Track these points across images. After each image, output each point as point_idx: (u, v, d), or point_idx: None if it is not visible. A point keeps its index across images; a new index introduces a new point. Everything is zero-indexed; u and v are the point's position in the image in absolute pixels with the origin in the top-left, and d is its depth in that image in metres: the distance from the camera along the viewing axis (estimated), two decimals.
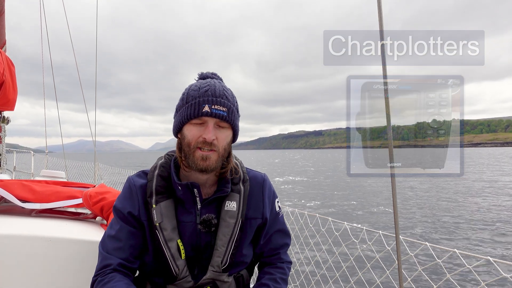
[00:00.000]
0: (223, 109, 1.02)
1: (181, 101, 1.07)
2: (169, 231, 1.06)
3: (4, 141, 3.61)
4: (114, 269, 1.04)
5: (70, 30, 4.39)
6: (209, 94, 1.02)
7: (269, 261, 1.25)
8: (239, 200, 1.12)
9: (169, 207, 1.08)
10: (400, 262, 1.39)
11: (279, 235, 1.24)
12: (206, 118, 1.02)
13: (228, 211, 1.10)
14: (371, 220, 11.63)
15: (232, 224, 1.09)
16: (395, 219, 1.38)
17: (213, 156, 1.03)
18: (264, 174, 1.25)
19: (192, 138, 1.03)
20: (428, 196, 17.16)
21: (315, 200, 16.70)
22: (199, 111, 1.01)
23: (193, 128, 1.03)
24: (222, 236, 1.09)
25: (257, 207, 1.17)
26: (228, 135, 1.07)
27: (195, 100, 1.02)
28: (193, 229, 1.09)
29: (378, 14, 1.27)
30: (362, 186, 21.72)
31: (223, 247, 1.08)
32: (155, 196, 1.08)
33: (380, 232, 1.98)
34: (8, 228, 1.35)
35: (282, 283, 1.18)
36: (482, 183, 22.80)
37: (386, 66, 1.29)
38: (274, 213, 1.22)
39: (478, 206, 13.99)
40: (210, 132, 1.01)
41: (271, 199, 1.22)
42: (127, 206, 1.09)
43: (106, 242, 1.08)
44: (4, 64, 2.38)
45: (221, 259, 1.08)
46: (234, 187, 1.13)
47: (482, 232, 9.62)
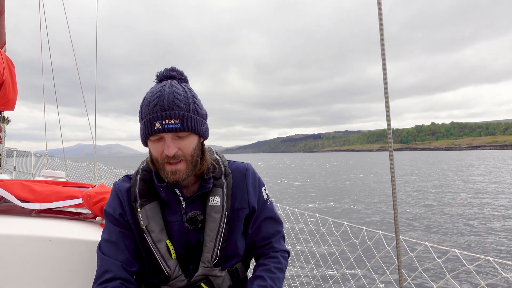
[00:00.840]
0: (175, 122, 0.98)
1: (139, 114, 1.05)
2: (157, 233, 1.08)
3: (4, 141, 3.61)
4: (115, 277, 1.03)
5: (70, 33, 4.39)
6: (158, 109, 0.98)
7: (263, 252, 1.23)
8: (222, 194, 1.13)
9: (154, 209, 1.09)
10: (400, 262, 1.39)
11: (269, 222, 1.23)
12: (161, 134, 0.99)
13: (213, 206, 1.11)
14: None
15: (217, 219, 1.10)
16: (395, 219, 1.38)
17: (182, 167, 1.02)
18: (248, 164, 1.25)
19: (157, 155, 1.03)
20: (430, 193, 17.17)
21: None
22: (152, 130, 0.99)
23: (154, 145, 1.02)
24: (209, 231, 1.09)
25: (242, 198, 1.17)
26: (191, 141, 1.04)
27: (147, 118, 1.00)
28: (181, 228, 1.10)
29: (378, 16, 1.27)
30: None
31: (212, 243, 1.09)
32: (139, 200, 1.09)
33: (380, 232, 1.98)
34: (8, 228, 1.35)
35: (277, 272, 1.16)
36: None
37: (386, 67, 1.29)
38: (262, 201, 1.22)
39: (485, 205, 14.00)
40: (169, 148, 0.99)
41: (257, 187, 1.22)
42: (117, 209, 1.11)
43: (103, 247, 1.09)
44: (4, 64, 2.38)
45: (211, 254, 1.09)
46: (217, 182, 1.14)
47: (483, 232, 9.62)
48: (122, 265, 1.05)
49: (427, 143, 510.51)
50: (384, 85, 1.30)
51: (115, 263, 1.05)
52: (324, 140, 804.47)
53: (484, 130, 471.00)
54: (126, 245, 1.09)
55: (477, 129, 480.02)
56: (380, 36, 1.27)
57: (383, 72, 1.30)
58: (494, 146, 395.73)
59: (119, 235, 1.09)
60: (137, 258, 1.11)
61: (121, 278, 1.04)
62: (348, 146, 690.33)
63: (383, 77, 1.30)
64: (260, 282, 1.11)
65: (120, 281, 1.03)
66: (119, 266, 1.05)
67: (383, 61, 1.29)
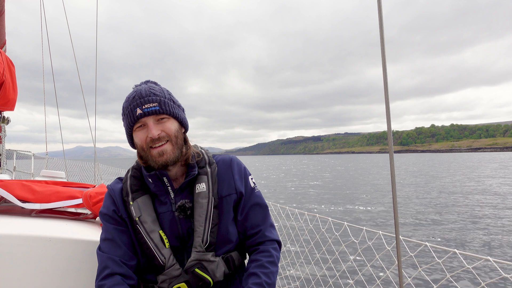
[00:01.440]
0: (154, 105, 1.09)
1: (122, 117, 1.16)
2: (150, 223, 1.12)
3: (4, 141, 3.61)
4: (114, 272, 1.06)
5: (69, 36, 4.39)
6: (136, 98, 1.10)
7: (254, 242, 1.23)
8: (207, 180, 1.18)
9: (146, 202, 1.15)
10: (400, 262, 1.39)
11: (257, 209, 1.24)
12: (143, 119, 1.09)
13: (199, 192, 1.15)
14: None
15: (205, 204, 1.14)
16: (395, 219, 1.38)
17: (168, 147, 1.10)
18: (233, 155, 1.31)
19: (141, 142, 1.11)
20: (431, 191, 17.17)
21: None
22: (133, 116, 1.09)
23: (139, 134, 1.11)
24: (198, 217, 1.13)
25: (229, 184, 1.22)
26: (172, 124, 1.13)
27: (128, 109, 1.11)
28: (172, 218, 1.14)
29: (379, 18, 1.27)
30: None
31: (201, 227, 1.12)
32: (131, 194, 1.16)
33: (380, 232, 1.98)
34: (8, 228, 1.34)
35: (270, 267, 1.16)
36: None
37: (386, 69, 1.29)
38: (249, 188, 1.25)
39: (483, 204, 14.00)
40: (151, 129, 1.08)
41: (243, 175, 1.26)
42: (110, 207, 1.17)
43: (102, 246, 1.13)
44: (4, 64, 2.38)
45: (201, 238, 1.11)
46: (201, 170, 1.20)
47: (483, 232, 9.62)
48: (121, 260, 1.09)
49: (427, 145, 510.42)
50: (384, 87, 1.30)
51: (113, 259, 1.08)
52: (324, 142, 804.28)
53: (484, 132, 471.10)
54: (122, 240, 1.13)
55: (477, 131, 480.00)
56: (380, 38, 1.27)
57: (383, 74, 1.30)
58: (495, 148, 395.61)
59: (115, 231, 1.14)
60: (135, 252, 1.15)
61: (120, 273, 1.07)
62: (348, 148, 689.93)
63: (383, 79, 1.30)
64: (254, 279, 1.11)
65: (119, 276, 1.06)
66: (117, 261, 1.08)
67: (383, 63, 1.29)
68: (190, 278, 1.10)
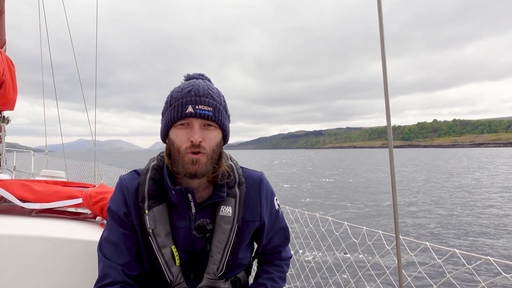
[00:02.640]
0: (208, 109, 0.98)
1: (165, 105, 1.03)
2: (163, 237, 1.03)
3: (4, 141, 3.61)
4: (115, 282, 1.01)
5: (69, 29, 4.38)
6: (192, 94, 0.98)
7: (268, 259, 1.24)
8: (234, 204, 1.08)
9: (162, 212, 1.04)
10: (400, 262, 1.39)
11: (280, 232, 1.24)
12: (190, 119, 0.97)
13: (223, 216, 1.06)
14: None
15: (227, 230, 1.05)
16: (395, 219, 1.38)
17: (202, 159, 0.98)
18: (261, 172, 1.22)
19: (180, 143, 0.98)
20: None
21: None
22: (182, 113, 0.97)
23: (179, 132, 0.99)
24: (217, 243, 1.05)
25: (255, 210, 1.14)
26: (216, 136, 1.02)
27: (178, 102, 0.98)
28: (188, 235, 1.05)
29: (378, 14, 1.27)
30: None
31: (219, 254, 1.05)
32: (147, 201, 1.04)
33: (380, 232, 1.98)
34: (8, 228, 1.34)
35: (280, 282, 1.18)
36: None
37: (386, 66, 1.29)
38: (274, 212, 1.21)
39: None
40: (196, 134, 0.96)
41: (269, 199, 1.20)
42: (121, 207, 1.06)
43: (105, 247, 1.05)
44: (4, 64, 2.38)
45: (217, 266, 1.05)
46: (229, 191, 1.09)
47: (483, 232, 9.62)
48: (123, 269, 1.02)
49: (429, 140, 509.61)
50: (384, 83, 1.30)
51: (115, 267, 1.01)
52: (326, 137, 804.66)
53: (487, 127, 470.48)
54: (127, 247, 1.04)
55: (480, 127, 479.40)
56: (380, 34, 1.27)
57: (383, 72, 1.30)
58: (498, 143, 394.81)
59: (121, 236, 1.04)
60: (139, 261, 1.07)
61: (122, 282, 1.01)
62: (350, 142, 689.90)
63: (383, 75, 1.30)
64: None
65: (120, 285, 1.01)
66: (119, 270, 1.01)
67: (383, 58, 1.29)
68: None
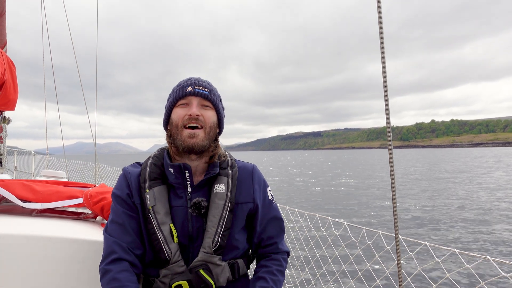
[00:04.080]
0: (205, 90, 1.15)
1: (169, 95, 1.20)
2: (162, 215, 1.10)
3: (5, 141, 3.62)
4: (121, 258, 1.06)
5: (68, 31, 4.39)
6: (192, 79, 1.17)
7: (266, 252, 1.25)
8: (227, 182, 1.16)
9: (162, 192, 1.13)
10: (400, 262, 1.40)
11: (275, 222, 1.27)
12: (190, 97, 1.13)
13: (217, 193, 1.14)
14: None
15: (221, 205, 1.13)
16: (394, 219, 1.38)
17: (200, 134, 1.11)
18: (254, 165, 1.30)
19: (178, 118, 1.12)
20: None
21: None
22: (183, 92, 1.14)
23: (179, 110, 1.14)
24: (212, 217, 1.12)
25: (247, 192, 1.21)
26: (213, 115, 1.16)
27: (180, 86, 1.16)
28: (185, 214, 1.12)
29: (378, 15, 1.27)
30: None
31: (213, 228, 1.11)
32: (148, 181, 1.14)
33: (380, 231, 1.98)
34: (9, 228, 1.35)
35: (279, 275, 1.19)
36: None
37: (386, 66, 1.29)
38: (267, 201, 1.26)
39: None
40: (194, 107, 1.12)
41: (262, 186, 1.26)
42: (124, 190, 1.15)
43: (109, 227, 1.12)
44: (5, 65, 2.39)
45: (212, 239, 1.10)
46: (223, 171, 1.19)
47: (483, 231, 9.62)
48: (128, 247, 1.08)
49: (428, 141, 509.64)
50: (383, 83, 1.30)
51: (120, 245, 1.07)
52: (324, 138, 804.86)
53: (484, 127, 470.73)
54: (132, 226, 1.11)
55: (477, 127, 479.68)
56: (379, 34, 1.28)
57: (382, 72, 1.30)
58: (496, 143, 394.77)
59: (125, 216, 1.12)
60: (142, 241, 1.13)
61: (127, 260, 1.07)
62: (349, 143, 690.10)
63: (383, 75, 1.30)
64: (262, 283, 1.14)
65: (126, 262, 1.06)
66: (125, 247, 1.07)
67: (382, 59, 1.29)
68: (192, 278, 1.09)
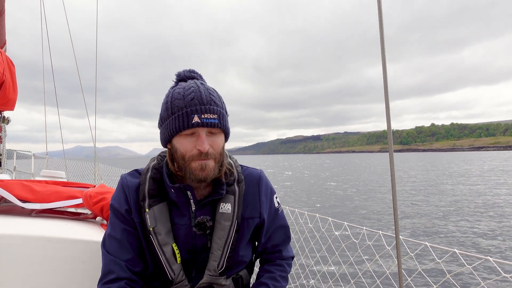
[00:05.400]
0: (213, 117, 0.97)
1: (165, 112, 1.01)
2: (164, 236, 1.04)
3: (4, 141, 3.61)
4: (119, 277, 1.02)
5: (68, 35, 4.39)
6: (196, 102, 0.96)
7: (270, 258, 1.24)
8: (234, 201, 1.09)
9: (162, 211, 1.06)
10: (400, 262, 1.39)
11: (280, 231, 1.24)
12: (197, 128, 0.96)
13: (223, 213, 1.07)
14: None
15: (227, 227, 1.07)
16: (395, 219, 1.38)
17: (210, 164, 0.99)
18: (261, 170, 1.23)
19: (185, 151, 0.98)
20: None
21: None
22: (188, 123, 0.95)
23: (183, 141, 0.98)
24: (217, 239, 1.06)
25: (254, 206, 1.15)
26: (221, 140, 1.03)
27: (182, 111, 0.96)
28: (188, 232, 1.07)
29: (378, 17, 1.27)
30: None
31: (219, 251, 1.06)
32: (148, 199, 1.05)
33: (380, 232, 1.98)
34: (8, 228, 1.35)
35: (282, 281, 1.17)
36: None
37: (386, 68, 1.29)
38: (273, 209, 1.21)
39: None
40: (204, 143, 0.96)
41: (269, 195, 1.20)
42: (123, 205, 1.07)
43: (108, 243, 1.07)
44: (4, 64, 2.38)
45: (217, 262, 1.06)
46: (229, 188, 1.10)
47: (483, 231, 9.62)
48: (127, 265, 1.03)
49: (428, 144, 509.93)
50: (384, 86, 1.30)
51: (119, 263, 1.03)
52: (324, 142, 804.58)
53: (484, 131, 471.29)
54: (130, 243, 1.06)
55: (477, 130, 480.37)
56: (380, 37, 1.27)
57: (383, 75, 1.30)
58: (497, 147, 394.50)
59: (124, 232, 1.06)
60: (141, 257, 1.09)
61: (126, 278, 1.03)
62: (348, 147, 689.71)
63: (383, 79, 1.30)
64: None
65: (125, 281, 1.02)
66: (123, 266, 1.03)
67: (383, 62, 1.29)
68: None
